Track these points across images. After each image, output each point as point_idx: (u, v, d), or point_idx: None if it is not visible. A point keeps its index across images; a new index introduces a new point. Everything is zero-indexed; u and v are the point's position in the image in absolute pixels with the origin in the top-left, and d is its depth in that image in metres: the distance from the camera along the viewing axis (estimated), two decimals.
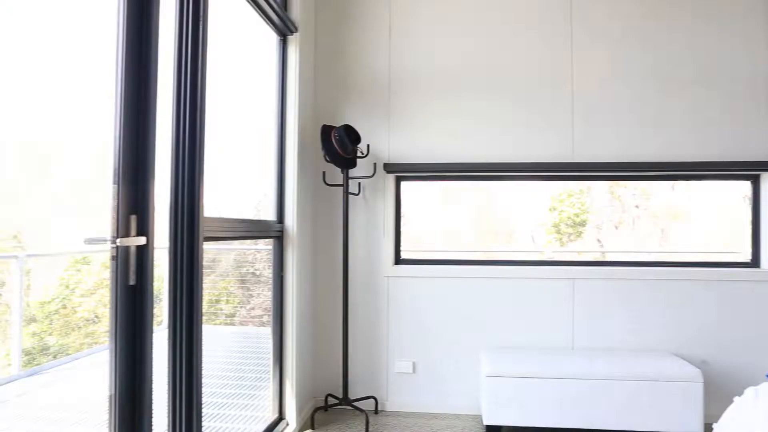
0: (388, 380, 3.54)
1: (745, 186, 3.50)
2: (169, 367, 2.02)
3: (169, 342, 2.03)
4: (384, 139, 3.56)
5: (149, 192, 1.78)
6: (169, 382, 2.02)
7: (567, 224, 3.75)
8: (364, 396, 3.50)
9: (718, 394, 3.25)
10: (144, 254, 1.78)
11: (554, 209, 3.75)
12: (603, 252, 3.76)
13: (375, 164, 3.52)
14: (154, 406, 1.82)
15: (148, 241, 1.78)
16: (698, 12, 3.44)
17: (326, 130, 3.30)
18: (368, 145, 3.51)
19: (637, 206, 3.77)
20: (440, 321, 3.51)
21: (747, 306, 3.36)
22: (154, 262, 1.81)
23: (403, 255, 3.64)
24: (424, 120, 3.55)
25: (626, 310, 3.42)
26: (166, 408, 2.01)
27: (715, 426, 2.17)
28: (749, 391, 2.10)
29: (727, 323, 3.37)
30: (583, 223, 3.75)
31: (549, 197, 3.72)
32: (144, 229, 1.78)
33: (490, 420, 3.03)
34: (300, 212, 3.25)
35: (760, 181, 3.44)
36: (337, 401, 3.40)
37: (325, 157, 3.30)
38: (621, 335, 3.42)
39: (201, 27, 2.07)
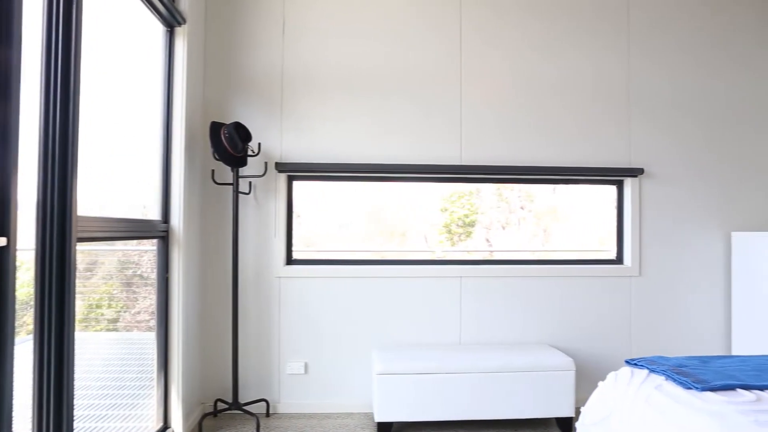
0: (280, 382, 3.50)
1: (612, 190, 3.85)
2: (34, 381, 1.86)
3: (35, 352, 1.86)
4: (276, 138, 3.51)
5: (10, 187, 1.63)
6: (34, 397, 1.86)
7: (457, 225, 3.89)
8: (256, 399, 3.43)
9: (588, 380, 3.54)
10: (4, 257, 1.62)
11: (445, 210, 3.89)
12: (491, 251, 3.96)
13: (266, 163, 3.46)
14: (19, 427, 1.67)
15: (9, 242, 1.63)
16: (573, 30, 3.72)
17: (216, 127, 3.20)
18: (259, 144, 3.45)
19: (522, 208, 4.00)
20: (333, 321, 3.52)
21: (612, 299, 3.69)
22: (23, 266, 1.66)
23: (296, 255, 3.61)
24: (318, 120, 3.54)
25: (511, 306, 3.63)
26: (31, 427, 1.85)
27: (582, 409, 2.36)
28: (610, 376, 2.32)
29: (596, 315, 3.68)
30: (472, 224, 3.91)
31: (440, 198, 3.84)
32: (4, 228, 1.62)
33: (381, 417, 3.09)
34: (187, 211, 3.12)
35: (623, 186, 3.80)
36: (227, 406, 3.31)
37: (214, 155, 3.20)
38: (505, 330, 3.62)
39: (75, 8, 1.93)
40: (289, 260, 3.57)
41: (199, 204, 3.41)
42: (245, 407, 3.31)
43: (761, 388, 1.97)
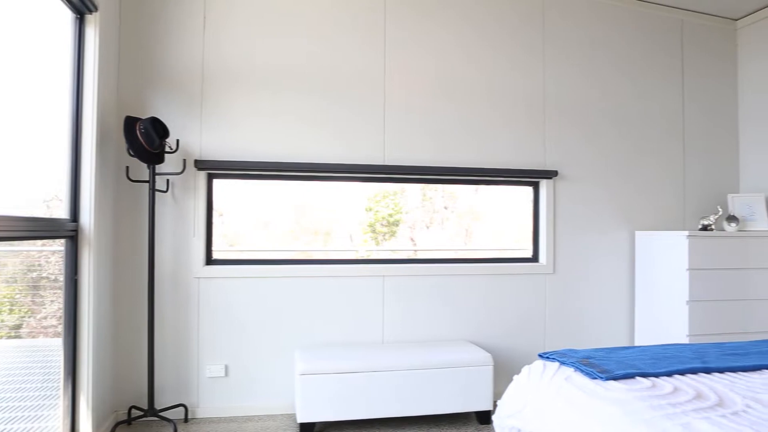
0: (199, 386, 3.39)
1: (529, 191, 4.01)
2: None
3: None
4: (196, 135, 3.40)
5: None
6: None
7: (382, 224, 3.92)
8: (173, 405, 3.31)
9: (506, 374, 3.68)
10: None
11: (370, 209, 3.91)
12: (415, 250, 4.02)
13: (185, 160, 3.34)
14: None
15: None
16: (496, 34, 3.85)
17: (130, 122, 3.06)
18: (177, 140, 3.33)
19: (446, 207, 4.09)
20: (255, 321, 3.46)
21: (528, 296, 3.86)
22: None
23: (217, 255, 3.52)
24: (241, 117, 3.46)
25: (433, 304, 3.71)
26: None
27: (499, 402, 2.45)
28: (525, 369, 2.41)
29: (513, 311, 3.83)
30: (396, 223, 3.96)
31: (365, 198, 3.86)
32: None
33: (303, 417, 3.06)
34: (99, 210, 2.96)
35: (539, 187, 3.98)
36: (142, 413, 3.17)
37: (128, 150, 3.05)
38: (427, 327, 3.69)
39: None
40: (209, 260, 3.47)
41: (113, 202, 3.25)
42: (162, 413, 3.18)
43: (656, 375, 2.12)
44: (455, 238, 4.05)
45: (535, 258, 3.96)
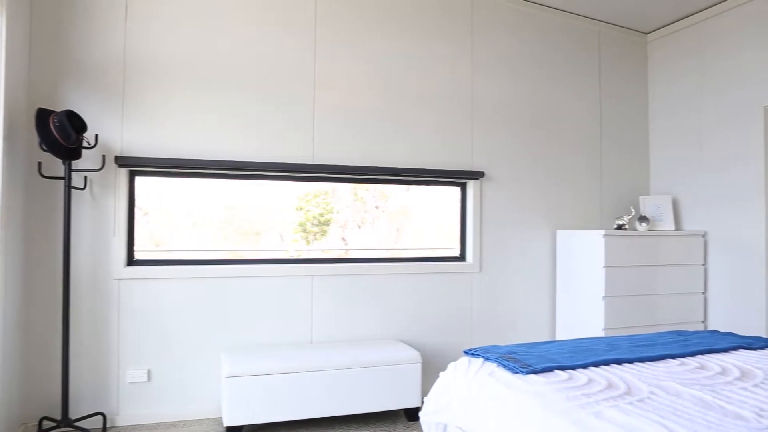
0: (119, 392, 3.25)
1: (457, 191, 4.11)
2: None
3: None
4: (116, 130, 3.25)
5: None
6: None
7: (313, 223, 3.90)
8: (90, 413, 3.15)
9: (435, 371, 3.75)
10: None
11: (301, 209, 3.88)
12: (347, 250, 4.02)
13: (104, 156, 3.19)
14: None
15: None
16: (428, 35, 3.92)
17: (43, 115, 2.88)
18: (96, 135, 3.17)
19: (377, 207, 4.12)
20: (181, 324, 3.35)
21: (456, 294, 3.96)
22: None
23: (140, 255, 3.38)
24: (167, 113, 3.34)
25: (363, 303, 3.73)
26: None
27: (425, 399, 2.50)
28: (450, 366, 2.48)
29: (441, 310, 3.92)
30: (327, 223, 3.95)
31: (296, 197, 3.83)
32: None
33: (230, 421, 3.00)
34: (7, 207, 2.77)
35: (466, 188, 4.08)
36: (55, 424, 2.99)
37: (41, 145, 2.88)
38: (357, 327, 3.71)
39: None
40: (131, 261, 3.33)
41: (24, 200, 3.05)
42: (77, 423, 3.03)
43: (573, 368, 2.24)
44: (386, 237, 4.09)
45: (462, 257, 4.07)
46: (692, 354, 2.54)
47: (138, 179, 3.37)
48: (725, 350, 2.63)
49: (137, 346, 3.28)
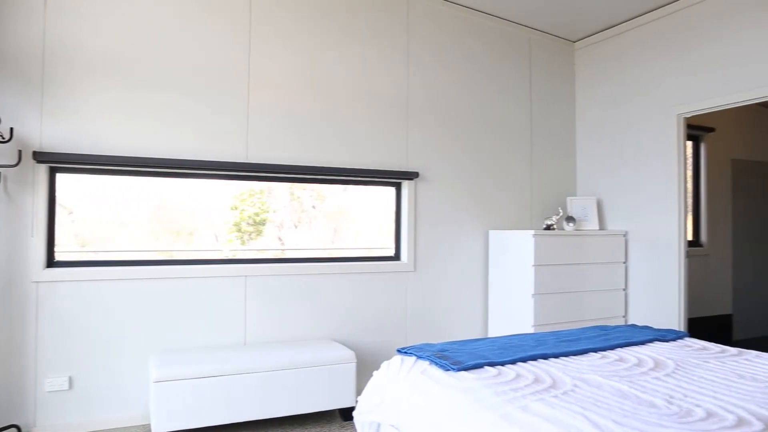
0: (36, 402, 3.07)
1: (392, 191, 4.15)
2: None
3: None
4: (35, 124, 3.07)
5: None
6: None
7: (248, 223, 3.83)
8: (2, 426, 2.96)
9: (370, 371, 3.76)
10: None
11: (236, 208, 3.80)
12: (283, 249, 3.97)
13: (20, 152, 2.99)
14: None
15: None
16: (357, 38, 3.93)
17: None
18: (11, 129, 2.97)
19: (314, 207, 4.09)
20: (107, 328, 3.20)
21: (391, 293, 3.99)
22: None
23: (62, 257, 3.21)
24: (92, 107, 3.19)
25: (299, 304, 3.69)
26: None
27: (359, 398, 2.51)
28: (384, 365, 2.50)
29: (377, 309, 3.94)
30: (263, 222, 3.89)
31: (231, 196, 3.75)
32: None
33: (159, 427, 2.90)
34: None
35: (401, 188, 4.13)
36: None
37: None
38: (292, 327, 3.68)
39: None
40: (51, 263, 3.15)
41: None
42: None
43: (502, 364, 2.31)
44: (323, 237, 4.08)
45: (397, 257, 4.11)
46: (612, 347, 2.68)
47: (59, 176, 3.19)
48: (642, 343, 2.79)
49: (57, 352, 3.11)
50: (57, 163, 3.10)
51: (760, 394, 1.96)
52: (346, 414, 3.37)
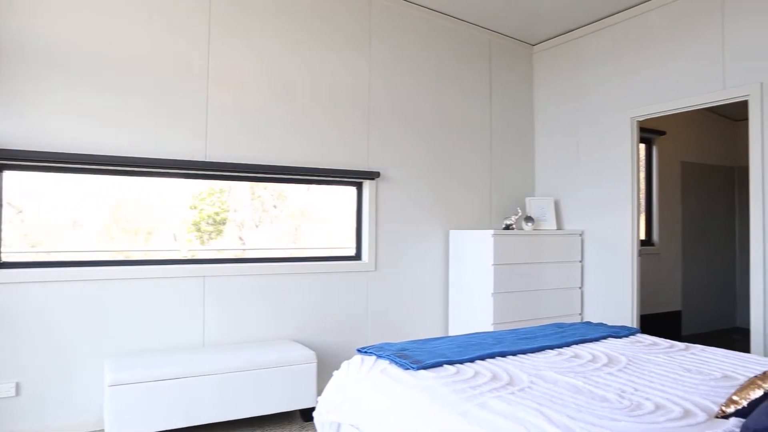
0: None
1: (353, 191, 4.15)
2: None
3: None
4: None
5: None
6: None
7: (208, 222, 3.77)
8: None
9: (330, 371, 3.76)
10: None
11: (195, 207, 3.74)
12: (244, 249, 3.92)
13: None
14: None
15: None
16: (319, 38, 3.91)
17: None
18: None
19: (275, 206, 4.05)
20: (60, 331, 3.09)
21: (352, 293, 3.99)
22: None
23: (8, 258, 3.09)
24: (44, 104, 3.07)
25: (259, 304, 3.65)
26: None
27: (319, 398, 2.50)
28: (344, 365, 2.50)
29: (337, 309, 3.94)
30: (223, 222, 3.83)
31: (190, 195, 3.68)
32: None
33: None
34: None
35: (362, 188, 4.13)
36: None
37: None
38: (252, 328, 3.63)
39: None
40: None
41: None
42: None
43: (461, 362, 2.34)
44: (285, 237, 4.04)
45: (358, 256, 4.11)
46: (568, 344, 2.75)
47: (6, 174, 3.07)
48: (596, 339, 2.87)
49: (3, 358, 2.99)
50: (3, 160, 2.98)
51: (704, 387, 2.04)
52: (307, 415, 3.35)
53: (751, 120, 3.45)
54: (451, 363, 2.32)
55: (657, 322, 5.60)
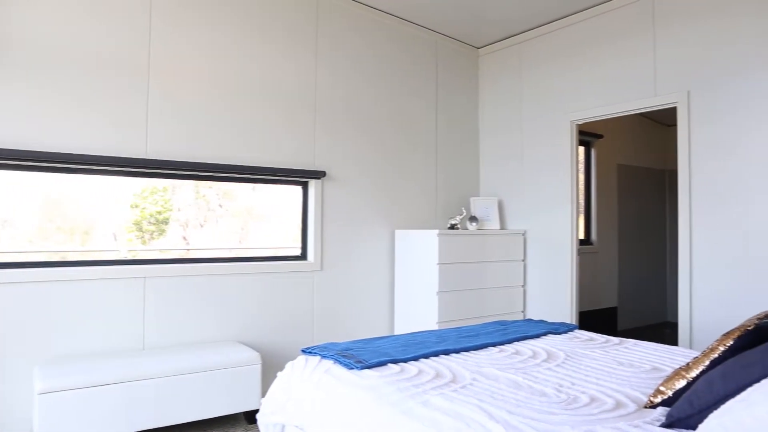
0: None
1: (299, 190, 4.12)
2: None
3: None
4: None
5: None
6: None
7: (150, 222, 3.66)
8: None
9: (275, 372, 3.71)
10: None
11: (137, 206, 3.61)
12: (188, 249, 3.83)
13: None
14: None
15: None
16: (265, 35, 3.86)
17: None
18: None
19: (221, 206, 3.97)
20: None
21: (297, 293, 3.96)
22: None
23: None
24: None
25: (202, 305, 3.57)
26: None
27: (262, 400, 2.47)
28: (288, 365, 2.48)
29: (283, 309, 3.89)
30: (166, 221, 3.73)
31: (131, 193, 3.56)
32: None
33: None
34: None
35: (308, 187, 4.11)
36: None
37: None
38: (196, 330, 3.54)
39: None
40: None
41: None
42: None
43: (405, 360, 2.36)
44: (231, 236, 3.97)
45: (303, 256, 4.08)
46: (510, 341, 2.82)
47: None
48: (537, 336, 2.96)
49: None
50: None
51: (636, 379, 2.14)
52: (251, 417, 3.30)
53: (680, 126, 3.64)
54: (395, 362, 2.34)
55: (595, 318, 5.83)
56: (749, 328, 1.79)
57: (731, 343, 1.78)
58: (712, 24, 3.51)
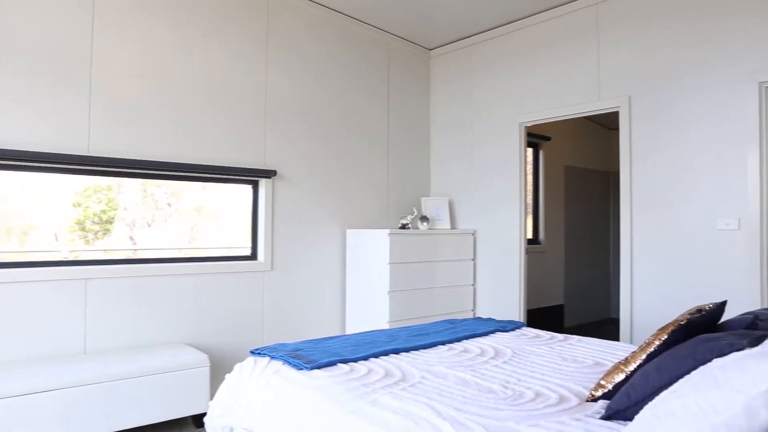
0: None
1: (249, 190, 4.06)
2: None
3: None
4: None
5: None
6: None
7: (93, 221, 3.53)
8: None
9: (224, 374, 3.65)
10: None
11: (79, 205, 3.48)
12: (135, 249, 3.71)
13: None
14: None
15: None
16: (213, 33, 3.79)
17: None
18: None
19: (169, 205, 3.87)
20: None
21: (247, 293, 3.90)
22: None
23: None
24: None
25: (148, 307, 3.47)
26: None
27: (210, 403, 2.43)
28: (236, 367, 2.44)
29: (232, 310, 3.83)
30: (111, 220, 3.61)
31: (73, 192, 3.42)
32: None
33: None
34: None
35: (258, 186, 4.06)
36: None
37: None
38: (141, 332, 3.44)
39: None
40: None
41: None
42: None
43: (355, 360, 2.37)
44: (180, 236, 3.87)
45: (254, 256, 4.03)
46: (459, 339, 2.86)
47: None
48: (485, 334, 3.02)
49: None
50: None
51: (578, 374, 2.22)
52: (200, 420, 3.24)
53: (621, 129, 3.78)
54: (345, 362, 2.34)
55: (542, 316, 5.99)
56: (682, 323, 1.88)
57: (666, 337, 1.87)
58: (650, 32, 3.66)
